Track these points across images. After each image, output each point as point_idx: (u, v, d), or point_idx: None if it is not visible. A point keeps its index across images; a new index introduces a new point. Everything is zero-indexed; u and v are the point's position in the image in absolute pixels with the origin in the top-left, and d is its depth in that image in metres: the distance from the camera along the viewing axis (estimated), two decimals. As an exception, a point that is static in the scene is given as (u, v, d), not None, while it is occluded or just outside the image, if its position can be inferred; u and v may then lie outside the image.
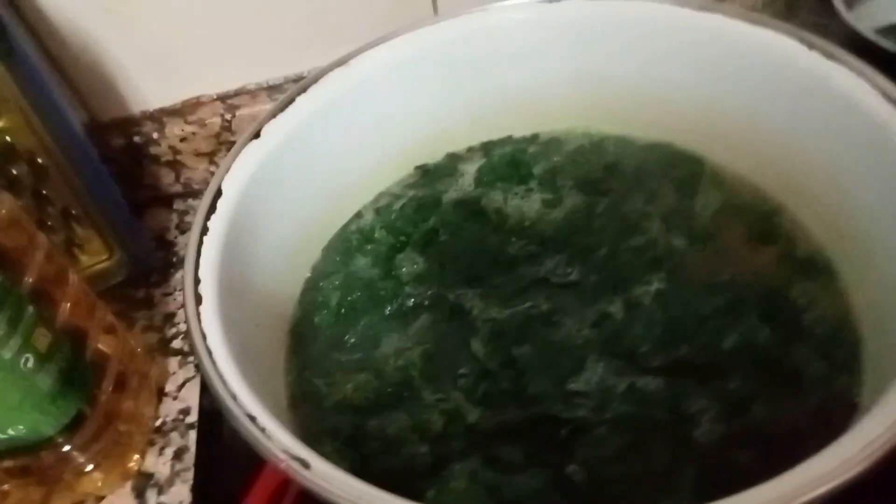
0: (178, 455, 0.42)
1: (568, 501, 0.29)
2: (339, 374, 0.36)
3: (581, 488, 0.29)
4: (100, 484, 0.41)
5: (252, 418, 0.25)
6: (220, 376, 0.26)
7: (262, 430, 0.25)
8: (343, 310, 0.39)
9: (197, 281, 0.30)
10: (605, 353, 0.34)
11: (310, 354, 0.38)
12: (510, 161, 0.43)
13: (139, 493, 0.41)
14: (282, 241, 0.40)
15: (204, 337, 0.28)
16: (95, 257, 0.52)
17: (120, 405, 0.42)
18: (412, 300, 0.39)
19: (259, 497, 0.26)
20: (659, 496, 0.28)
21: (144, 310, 0.50)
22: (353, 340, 0.38)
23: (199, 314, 0.29)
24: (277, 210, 0.39)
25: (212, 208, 0.33)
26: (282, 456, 0.24)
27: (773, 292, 0.34)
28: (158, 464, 0.42)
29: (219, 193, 0.34)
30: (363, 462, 0.32)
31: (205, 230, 0.32)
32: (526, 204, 0.42)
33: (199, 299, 0.29)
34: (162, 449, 0.43)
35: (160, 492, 0.41)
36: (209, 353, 0.27)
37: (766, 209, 0.39)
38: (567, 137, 0.44)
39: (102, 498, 0.41)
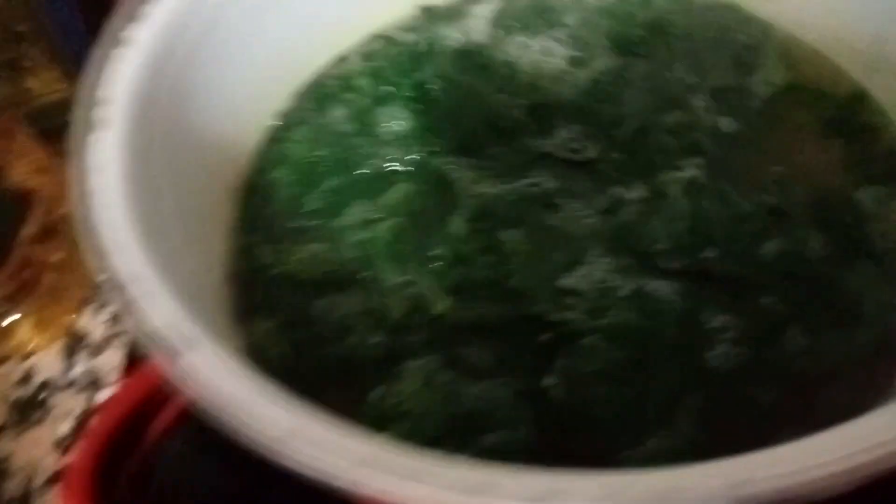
0: (116, 317, 0.38)
1: (537, 420, 0.24)
2: (289, 243, 0.31)
3: (556, 406, 0.24)
4: (28, 339, 0.37)
5: (121, 284, 0.19)
6: (91, 221, 0.20)
7: (132, 300, 0.19)
8: (307, 167, 0.33)
9: (94, 103, 0.23)
10: (613, 247, 0.27)
11: (260, 216, 0.32)
12: (537, 4, 0.35)
13: (69, 354, 0.37)
14: (242, 77, 0.33)
15: (85, 175, 0.21)
16: (49, 86, 0.46)
17: (48, 253, 0.37)
18: (390, 164, 0.32)
19: (124, 400, 0.20)
20: (648, 428, 0.23)
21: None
22: (312, 205, 0.32)
23: (87, 143, 0.22)
24: (239, 39, 0.32)
25: (134, 14, 0.26)
26: (149, 337, 0.18)
27: (837, 195, 0.27)
28: (94, 324, 0.38)
29: (147, -7, 0.26)
30: (301, 348, 0.27)
31: (118, 40, 0.25)
32: (545, 60, 0.34)
33: (90, 126, 0.23)
34: (100, 308, 0.38)
35: (92, 355, 0.37)
36: (86, 193, 0.21)
37: (843, 94, 0.31)
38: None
39: (30, 355, 0.37)
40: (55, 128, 0.44)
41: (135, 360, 0.35)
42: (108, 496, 0.20)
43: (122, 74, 0.25)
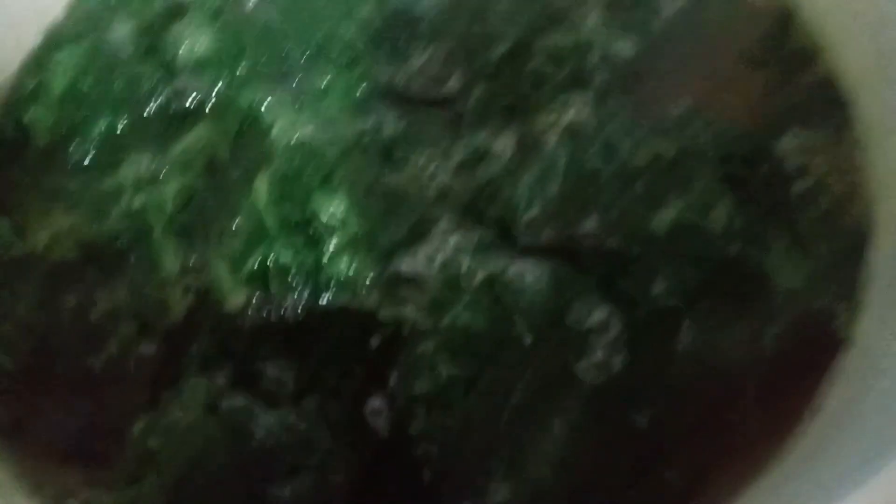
0: None
1: (350, 464, 0.18)
2: (37, 212, 0.22)
3: (377, 442, 0.18)
4: None
5: None
6: None
7: None
8: (70, 103, 0.24)
9: None
10: (468, 215, 0.20)
11: (4, 170, 0.24)
12: None
13: None
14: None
15: None
16: None
17: None
18: (186, 99, 0.24)
19: None
20: (495, 472, 0.17)
21: None
22: (78, 156, 0.24)
23: None
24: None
25: None
26: None
27: (753, 142, 0.21)
28: None
29: None
30: (42, 363, 0.20)
31: None
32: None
33: None
34: None
35: None
36: None
37: (769, 12, 0.24)
38: None
39: None
40: None
41: None
42: None
43: None
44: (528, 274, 0.19)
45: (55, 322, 0.20)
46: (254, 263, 0.20)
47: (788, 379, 0.17)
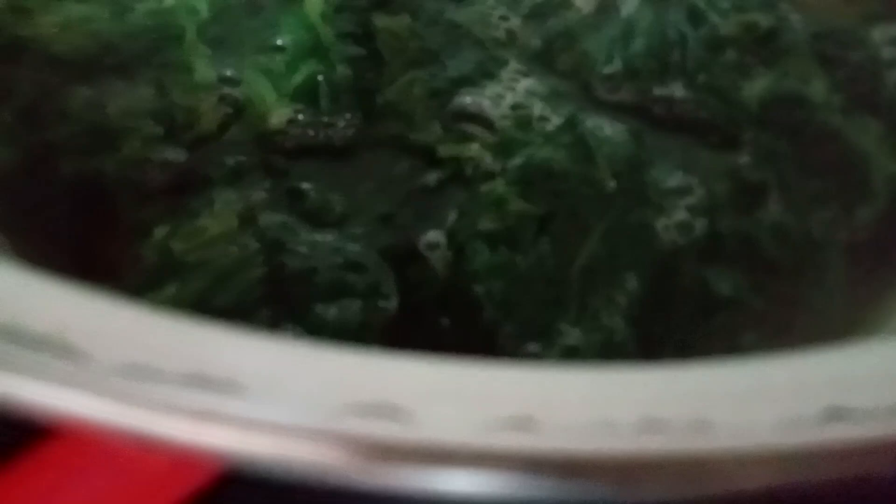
0: None
1: (406, 290, 0.16)
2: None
3: (435, 274, 0.16)
4: None
5: None
6: None
7: None
8: None
9: None
10: (538, 61, 0.19)
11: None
12: None
13: None
14: None
15: None
16: None
17: None
18: None
19: None
20: (564, 317, 0.16)
21: None
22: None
23: None
24: None
25: None
26: None
27: (845, 27, 0.20)
28: None
29: None
30: (45, 156, 0.17)
31: None
32: None
33: None
34: None
35: None
36: None
37: None
38: None
39: None
40: None
41: None
42: None
43: None
44: (608, 127, 0.18)
45: (63, 113, 0.18)
46: (301, 77, 0.18)
47: (880, 262, 0.17)
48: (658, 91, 0.19)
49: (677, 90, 0.19)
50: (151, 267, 0.16)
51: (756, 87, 0.18)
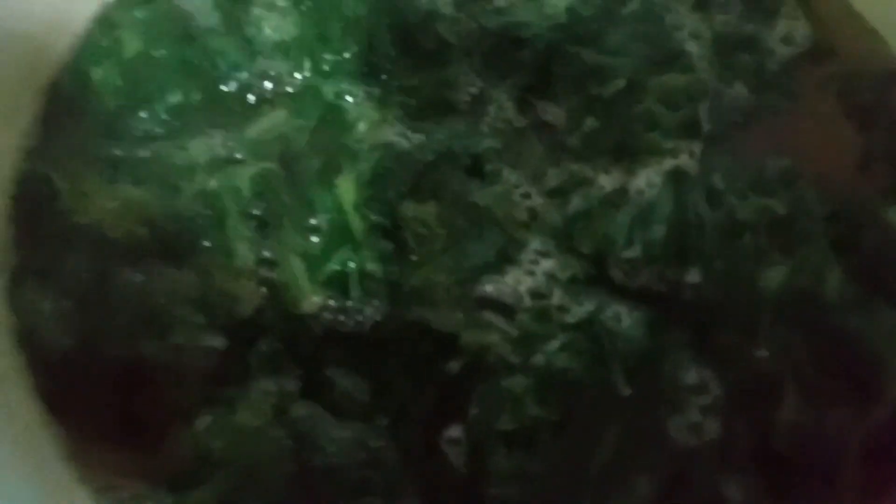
0: None
1: (427, 488, 0.17)
2: (102, 180, 0.21)
3: (454, 472, 0.17)
4: None
5: None
6: None
7: None
8: (143, 68, 0.23)
9: None
10: (560, 243, 0.20)
11: (68, 133, 0.23)
12: None
13: None
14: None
15: None
16: None
17: None
18: (266, 82, 0.23)
19: None
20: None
21: None
22: (145, 127, 0.23)
23: None
24: None
25: None
26: None
27: (862, 208, 0.20)
28: None
29: None
30: (97, 343, 0.19)
31: None
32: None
33: None
34: None
35: None
36: None
37: (879, 71, 0.24)
38: None
39: None
40: None
41: None
42: None
43: None
44: (626, 317, 0.18)
45: (115, 300, 0.19)
46: (334, 266, 0.20)
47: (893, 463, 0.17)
48: (676, 276, 0.19)
49: (695, 276, 0.19)
50: (190, 461, 0.17)
51: (772, 277, 0.19)
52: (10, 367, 0.19)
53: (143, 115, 0.23)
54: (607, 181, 0.21)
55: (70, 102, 0.23)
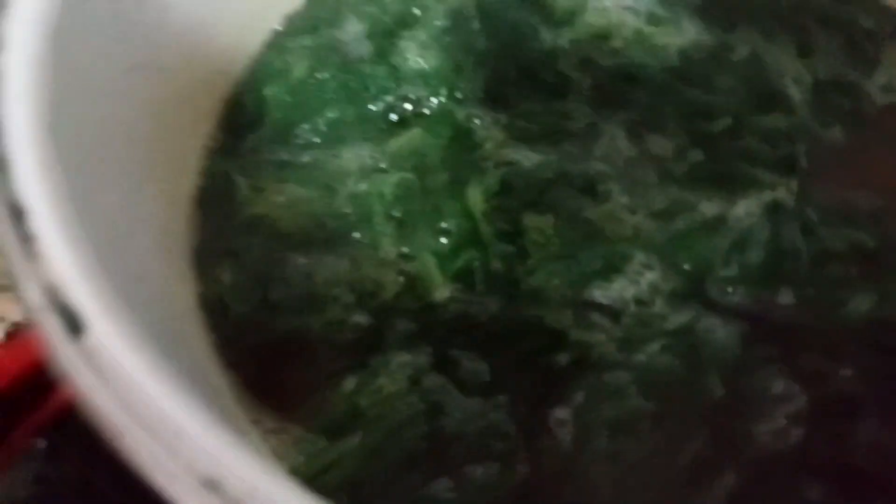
0: None
1: (533, 458, 0.19)
2: (274, 178, 0.25)
3: (559, 448, 0.20)
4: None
5: (19, 212, 0.14)
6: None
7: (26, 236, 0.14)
8: (307, 88, 0.27)
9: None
10: (663, 259, 0.22)
11: (244, 138, 0.27)
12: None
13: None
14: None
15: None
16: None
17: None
18: (406, 104, 0.26)
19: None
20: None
21: None
22: (308, 136, 0.26)
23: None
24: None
25: None
26: (35, 300, 0.13)
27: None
28: None
29: None
30: (269, 311, 0.23)
31: None
32: (619, 12, 0.27)
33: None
34: None
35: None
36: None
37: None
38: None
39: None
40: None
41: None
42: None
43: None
44: (720, 329, 0.21)
45: (283, 279, 0.23)
46: (461, 263, 0.23)
47: None
48: (769, 297, 0.21)
49: (786, 298, 0.21)
50: (340, 414, 0.21)
51: (859, 304, 0.21)
52: (194, 325, 0.23)
53: (305, 126, 0.27)
54: (709, 208, 0.23)
55: (246, 112, 0.28)
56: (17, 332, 0.15)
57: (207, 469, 0.12)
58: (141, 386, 0.13)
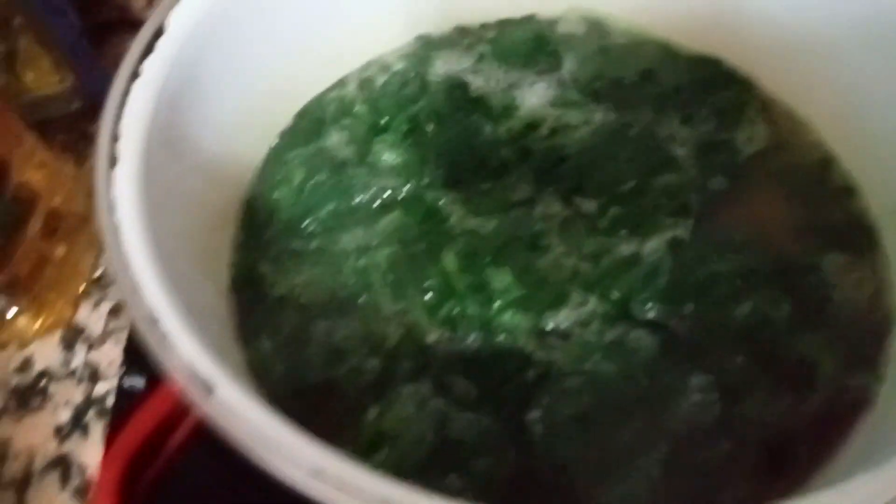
0: (115, 312, 0.39)
1: (518, 451, 0.26)
2: (291, 264, 0.32)
3: (535, 440, 0.26)
4: (26, 330, 0.38)
5: (154, 321, 0.20)
6: (124, 260, 0.21)
7: (163, 336, 0.20)
8: (306, 190, 0.34)
9: (115, 137, 0.24)
10: (596, 291, 0.29)
11: (262, 234, 0.33)
12: (533, 41, 0.36)
13: (68, 346, 0.38)
14: (245, 98, 0.34)
15: (111, 208, 0.22)
16: (44, 78, 0.46)
17: (51, 248, 0.37)
18: (385, 194, 0.33)
19: (149, 417, 0.22)
20: (617, 470, 0.25)
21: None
22: (312, 227, 0.33)
23: (109, 179, 0.23)
24: (240, 61, 0.33)
25: (148, 48, 0.27)
26: (180, 373, 0.20)
27: (802, 261, 0.29)
28: (92, 318, 0.39)
29: (160, 31, 0.27)
30: (300, 368, 0.29)
31: (135, 74, 0.26)
32: (541, 103, 0.35)
33: (112, 160, 0.24)
34: (98, 303, 0.39)
35: (90, 347, 0.38)
36: (115, 229, 0.22)
37: (813, 159, 0.33)
38: (606, 27, 0.37)
39: (28, 344, 0.38)
40: (48, 121, 0.44)
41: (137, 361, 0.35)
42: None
43: (136, 108, 0.26)
44: (645, 338, 0.28)
45: (310, 338, 0.29)
46: (446, 312, 0.29)
47: (826, 433, 0.25)
48: (677, 311, 0.28)
49: (689, 309, 0.28)
50: (368, 437, 0.27)
51: (743, 310, 0.28)
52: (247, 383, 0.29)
53: (309, 220, 0.33)
54: (626, 248, 0.30)
55: (261, 213, 0.34)
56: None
57: (310, 463, 0.18)
58: (254, 422, 0.19)
